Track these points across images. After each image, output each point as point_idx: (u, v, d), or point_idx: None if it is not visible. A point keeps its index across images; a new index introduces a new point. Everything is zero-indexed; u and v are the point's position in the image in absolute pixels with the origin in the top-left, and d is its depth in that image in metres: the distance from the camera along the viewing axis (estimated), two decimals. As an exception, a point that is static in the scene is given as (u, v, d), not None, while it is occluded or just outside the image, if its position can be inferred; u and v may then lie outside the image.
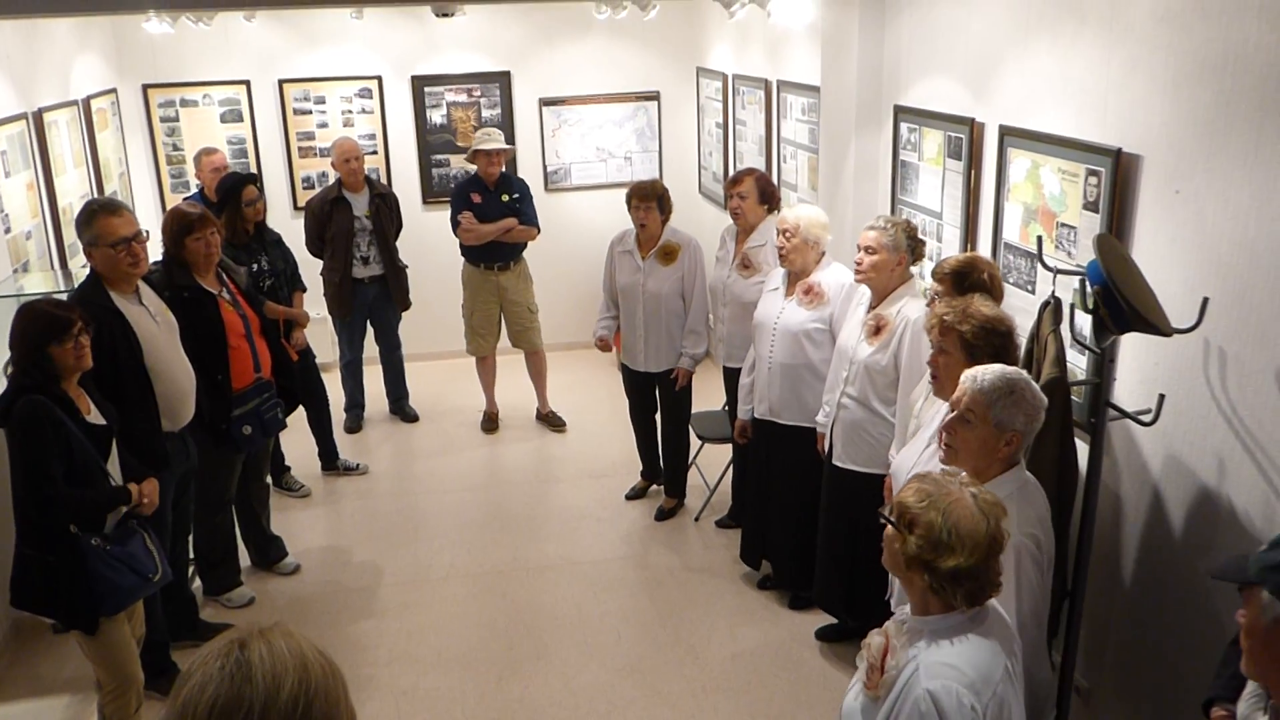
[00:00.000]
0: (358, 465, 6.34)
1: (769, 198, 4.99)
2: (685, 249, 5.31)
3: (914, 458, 3.08)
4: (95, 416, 3.47)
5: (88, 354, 3.40)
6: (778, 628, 4.61)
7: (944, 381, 2.94)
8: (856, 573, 4.10)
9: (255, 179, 5.64)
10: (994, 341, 2.91)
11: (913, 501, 2.11)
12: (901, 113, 4.67)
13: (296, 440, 6.15)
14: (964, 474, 2.24)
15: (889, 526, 2.16)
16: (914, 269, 3.97)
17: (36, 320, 3.31)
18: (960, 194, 4.19)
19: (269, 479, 5.41)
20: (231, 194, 5.43)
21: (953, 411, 2.68)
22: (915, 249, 3.92)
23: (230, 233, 5.39)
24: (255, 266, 5.46)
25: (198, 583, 4.91)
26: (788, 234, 4.31)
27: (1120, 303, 2.69)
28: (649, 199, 5.26)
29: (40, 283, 4.95)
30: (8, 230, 4.91)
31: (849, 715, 2.25)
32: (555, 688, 4.24)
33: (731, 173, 6.21)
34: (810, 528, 4.45)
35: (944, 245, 4.34)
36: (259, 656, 1.28)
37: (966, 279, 3.36)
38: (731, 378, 5.15)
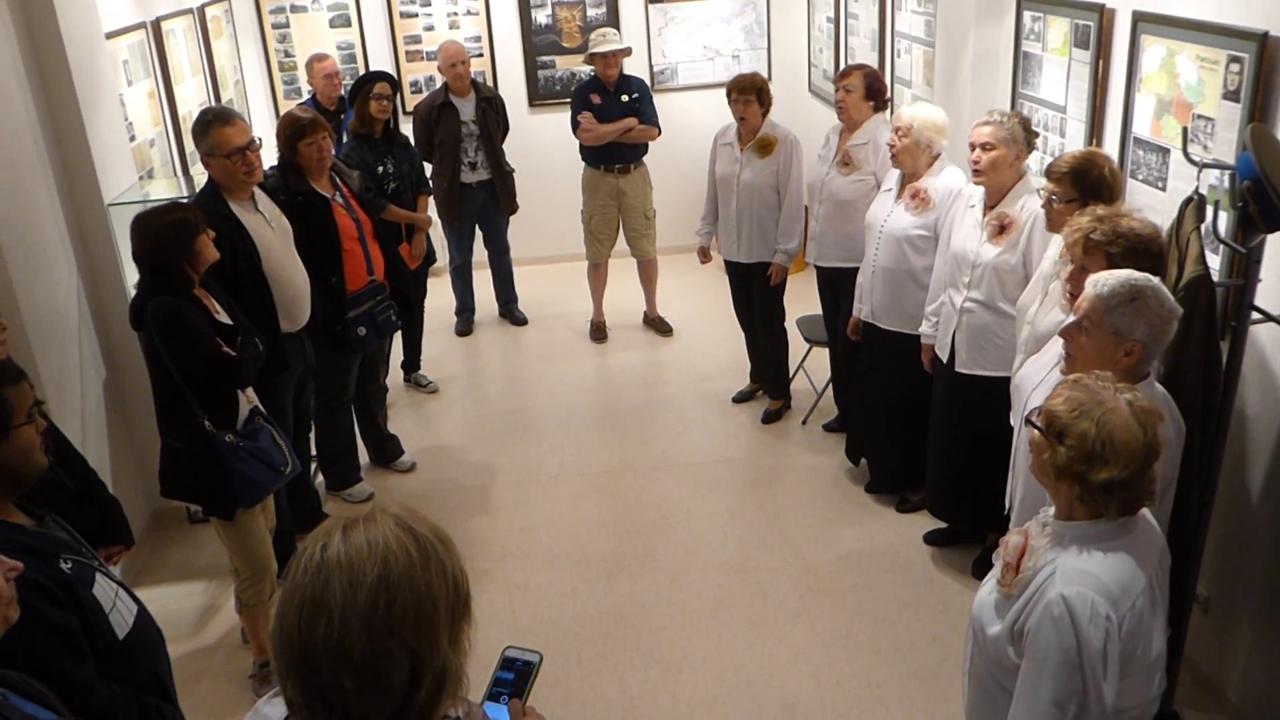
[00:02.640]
0: (429, 383, 6.34)
1: (876, 95, 4.82)
2: (783, 143, 5.23)
3: (1042, 372, 2.95)
4: (223, 316, 3.61)
5: (209, 253, 3.50)
6: (885, 530, 4.60)
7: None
8: (975, 479, 4.04)
9: (387, 76, 5.70)
10: (1143, 263, 2.71)
11: (1063, 409, 2.03)
12: (1025, 0, 4.43)
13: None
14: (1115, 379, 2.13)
15: (1036, 434, 2.08)
16: (1028, 163, 3.81)
17: (170, 228, 3.38)
18: (1087, 86, 3.97)
19: (387, 379, 5.58)
20: (361, 85, 5.55)
21: (1074, 316, 2.58)
22: (1030, 141, 3.76)
23: (359, 121, 5.49)
24: (380, 168, 5.55)
25: (320, 479, 5.12)
26: (900, 132, 4.18)
27: (1273, 198, 2.53)
28: (748, 92, 5.19)
29: (164, 189, 5.11)
30: (133, 138, 5.07)
31: (980, 608, 2.23)
32: (663, 584, 4.34)
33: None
34: (907, 432, 4.40)
35: (1067, 141, 4.15)
36: (337, 556, 1.29)
37: (1087, 177, 3.20)
38: (823, 277, 5.09)
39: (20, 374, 2.21)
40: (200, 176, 4.82)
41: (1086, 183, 3.18)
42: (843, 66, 6.49)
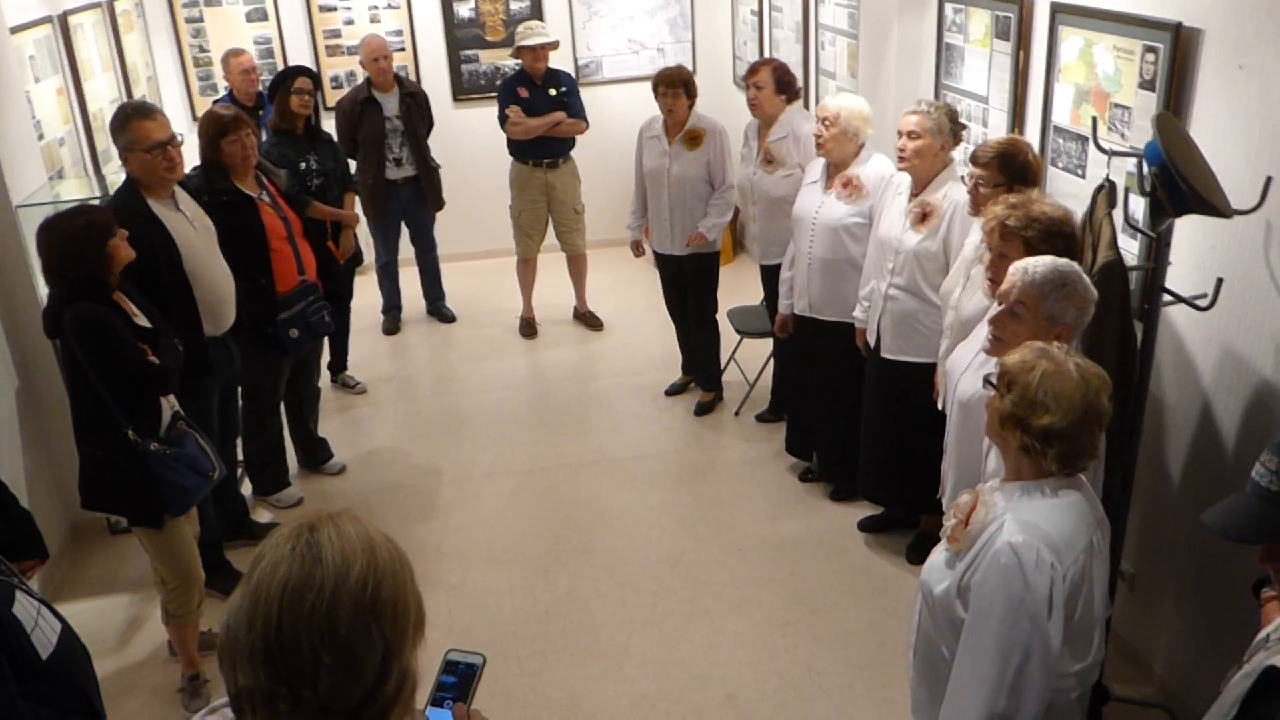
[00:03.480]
0: (357, 384, 6.24)
1: (787, 87, 4.86)
2: (711, 133, 5.27)
3: (968, 356, 3.01)
4: (141, 319, 3.49)
5: (124, 254, 3.38)
6: (820, 519, 4.65)
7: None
8: (907, 463, 4.10)
9: (309, 71, 5.58)
10: (1058, 244, 2.82)
11: (1015, 364, 2.14)
12: (946, -8, 4.50)
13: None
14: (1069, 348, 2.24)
15: (992, 392, 2.18)
16: (953, 154, 3.87)
17: (83, 230, 3.25)
18: (1008, 76, 4.04)
19: (319, 381, 5.48)
20: (281, 80, 5.45)
21: (1001, 304, 2.63)
22: (956, 133, 3.82)
23: (279, 117, 5.38)
24: (304, 165, 5.44)
25: (247, 484, 5.01)
26: (827, 122, 4.21)
27: (1179, 184, 2.60)
28: (675, 85, 5.21)
29: (76, 189, 4.94)
30: (41, 137, 4.88)
31: (930, 569, 2.28)
32: (601, 580, 4.33)
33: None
34: (853, 421, 4.45)
35: (989, 130, 4.22)
36: (329, 539, 1.30)
37: (1013, 162, 3.28)
38: (768, 275, 5.11)
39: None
40: (114, 176, 4.67)
41: (1013, 167, 3.25)
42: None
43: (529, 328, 6.90)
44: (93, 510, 3.67)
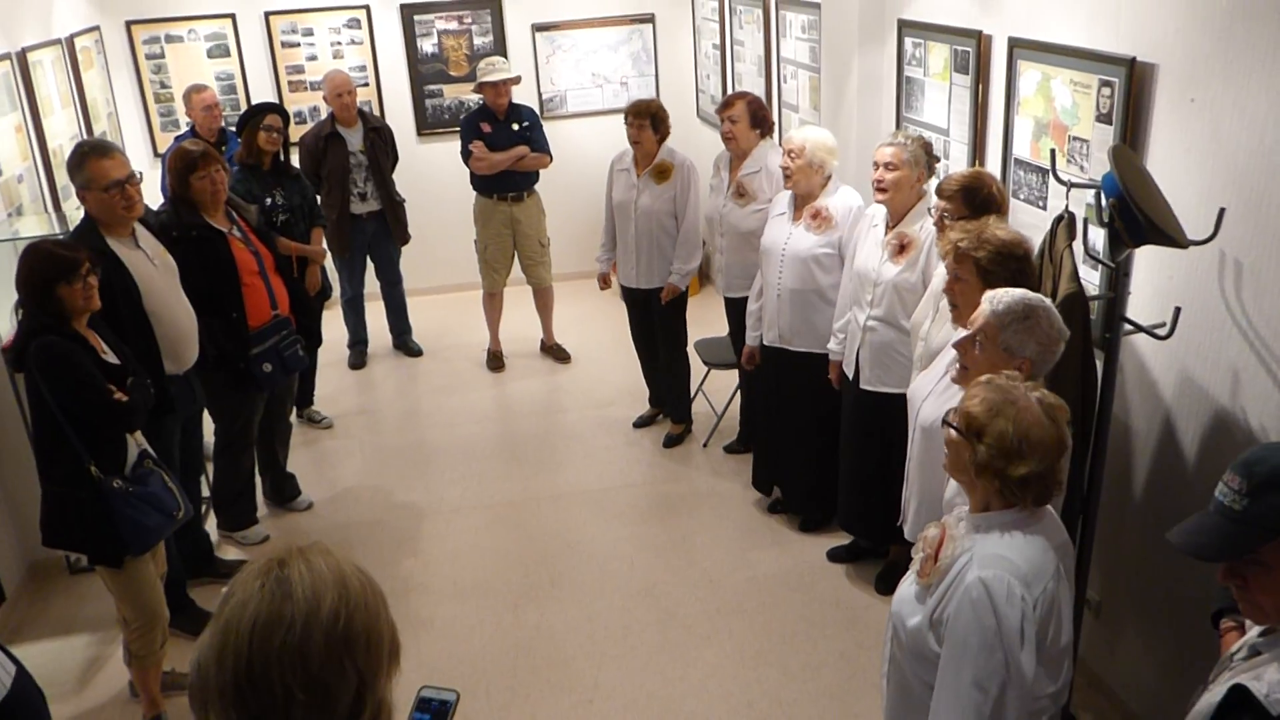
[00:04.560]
0: (324, 419, 6.21)
1: (761, 122, 4.91)
2: (679, 169, 5.30)
3: (930, 384, 3.05)
4: (110, 356, 3.46)
5: (95, 294, 3.37)
6: (789, 550, 4.65)
7: (962, 309, 2.89)
8: (883, 494, 4.10)
9: (279, 108, 5.57)
10: (1010, 266, 2.86)
11: (980, 410, 2.12)
12: (906, 27, 4.58)
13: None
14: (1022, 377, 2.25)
15: (953, 434, 2.17)
16: (926, 185, 3.93)
17: (44, 261, 3.28)
18: (968, 109, 4.12)
19: (292, 416, 5.44)
20: (251, 116, 5.45)
21: (967, 330, 2.67)
22: (931, 165, 3.88)
23: (246, 152, 5.36)
24: (269, 201, 5.42)
25: (212, 521, 4.94)
26: (793, 154, 4.26)
27: (1136, 215, 2.66)
28: (641, 116, 5.25)
29: (35, 226, 4.88)
30: (0, 174, 4.84)
31: (900, 603, 2.28)
32: (571, 614, 4.30)
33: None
34: (824, 452, 4.47)
35: (951, 162, 4.29)
36: (299, 574, 1.30)
37: (977, 195, 3.32)
38: (733, 307, 5.14)
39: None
40: (74, 213, 4.63)
41: (977, 200, 3.29)
42: (732, 91, 6.61)
43: (496, 361, 6.89)
44: (54, 548, 3.61)
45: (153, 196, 4.40)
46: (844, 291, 4.19)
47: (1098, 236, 3.12)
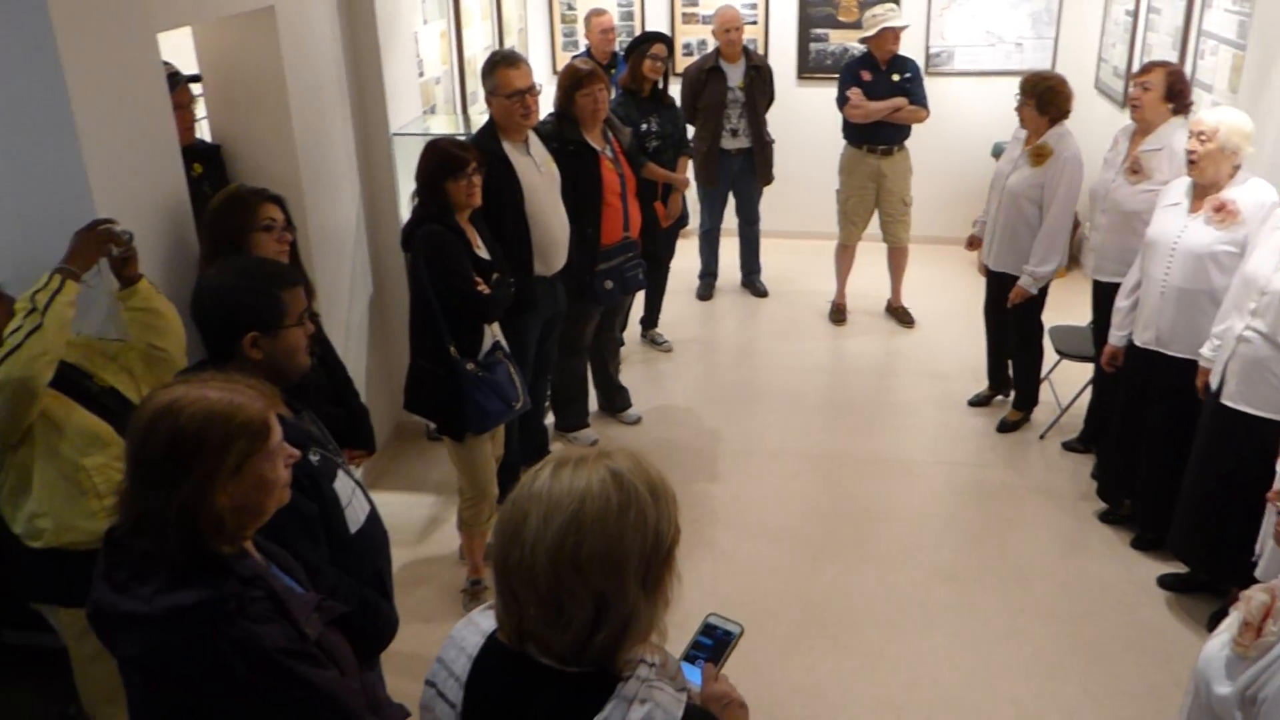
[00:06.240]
0: (664, 342, 6.43)
1: (1177, 97, 4.41)
2: (1058, 159, 4.84)
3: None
4: (483, 251, 3.79)
5: (478, 192, 3.69)
6: (1115, 564, 4.31)
7: None
8: (1226, 524, 3.69)
9: (666, 38, 5.80)
10: None
11: None
12: (1372, 8, 3.95)
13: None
14: None
15: None
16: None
17: (437, 156, 3.64)
18: None
19: (623, 332, 5.73)
20: (639, 44, 5.68)
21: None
22: None
23: (630, 78, 5.62)
24: (645, 126, 5.66)
25: (551, 418, 5.31)
26: (1203, 137, 3.81)
27: None
28: (1026, 93, 4.90)
29: (443, 124, 5.40)
30: (421, 74, 5.37)
31: (1208, 662, 2.05)
32: (868, 579, 4.24)
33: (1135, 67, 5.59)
34: (1181, 468, 4.05)
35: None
36: (540, 491, 1.36)
37: None
38: (1100, 292, 4.72)
39: (297, 279, 2.39)
40: (478, 117, 5.06)
41: None
42: (1136, 65, 6.04)
43: (839, 313, 6.83)
44: (411, 412, 4.04)
45: (548, 109, 4.72)
46: (1230, 294, 3.72)
47: None
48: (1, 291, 2.67)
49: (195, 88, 4.08)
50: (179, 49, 4.03)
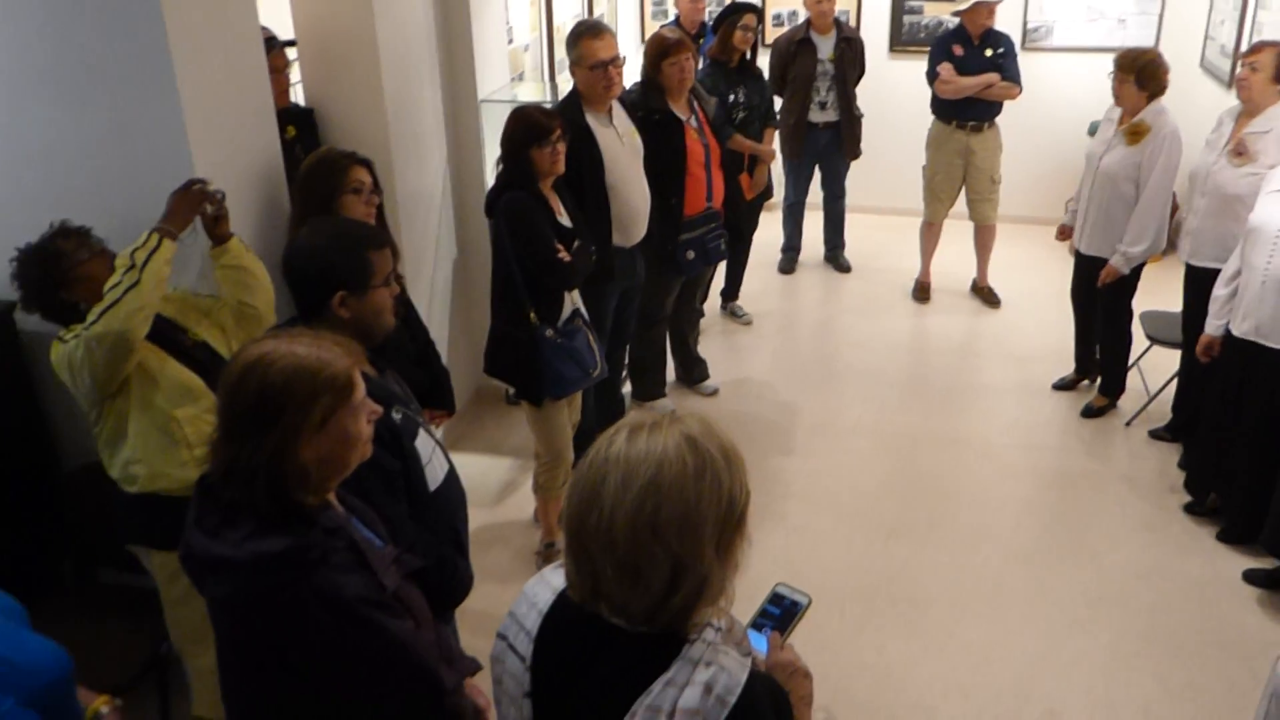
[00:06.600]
0: (744, 315, 6.42)
1: None
2: (1156, 135, 4.67)
3: None
4: (565, 219, 3.83)
5: (561, 160, 3.72)
6: (1198, 557, 4.20)
7: None
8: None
9: (756, 9, 5.76)
10: None
11: None
12: None
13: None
14: None
15: None
16: None
17: (522, 123, 3.67)
18: None
19: (703, 304, 5.73)
20: (729, 14, 5.65)
21: None
22: None
23: (719, 48, 5.60)
24: (732, 97, 5.63)
25: (628, 387, 5.35)
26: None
27: None
28: (1123, 68, 4.73)
29: (530, 92, 5.44)
30: (510, 41, 5.41)
31: None
32: (941, 559, 4.21)
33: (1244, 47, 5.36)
34: (1278, 463, 3.90)
35: None
36: (617, 455, 1.38)
37: None
38: (1194, 278, 4.57)
39: (385, 241, 2.45)
40: (565, 84, 5.08)
41: None
42: (1246, 44, 5.80)
43: (923, 292, 6.73)
44: (491, 376, 4.11)
45: (633, 78, 4.73)
46: None
47: None
48: (104, 248, 2.78)
49: (290, 52, 4.18)
50: (276, 14, 4.12)
